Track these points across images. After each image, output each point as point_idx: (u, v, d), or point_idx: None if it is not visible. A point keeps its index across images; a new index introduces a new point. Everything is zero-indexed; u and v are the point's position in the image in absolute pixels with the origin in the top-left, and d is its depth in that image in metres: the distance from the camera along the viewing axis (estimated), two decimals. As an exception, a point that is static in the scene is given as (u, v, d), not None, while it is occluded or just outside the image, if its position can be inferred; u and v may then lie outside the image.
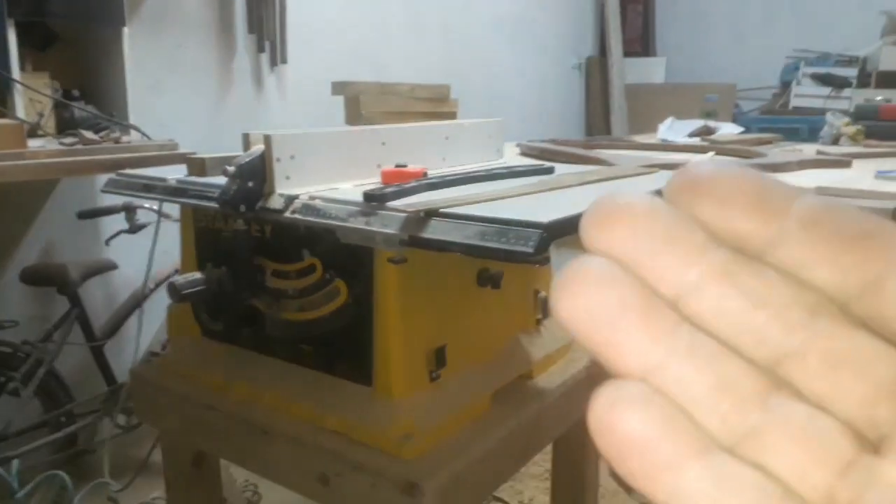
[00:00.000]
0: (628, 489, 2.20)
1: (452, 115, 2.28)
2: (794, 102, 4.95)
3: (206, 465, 1.33)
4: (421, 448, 0.93)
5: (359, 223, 0.87)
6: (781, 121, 4.58)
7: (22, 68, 1.92)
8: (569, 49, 5.32)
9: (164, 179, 1.10)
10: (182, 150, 1.97)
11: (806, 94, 4.94)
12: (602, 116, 5.43)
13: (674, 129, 3.24)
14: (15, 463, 1.80)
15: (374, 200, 0.87)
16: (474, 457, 0.96)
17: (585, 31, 5.49)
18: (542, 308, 1.23)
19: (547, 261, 0.69)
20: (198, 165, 1.08)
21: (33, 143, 1.78)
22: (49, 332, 2.15)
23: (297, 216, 0.92)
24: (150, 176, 1.14)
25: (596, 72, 5.48)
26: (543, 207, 0.79)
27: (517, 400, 1.11)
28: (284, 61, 3.05)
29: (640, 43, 5.94)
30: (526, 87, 4.81)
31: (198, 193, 1.02)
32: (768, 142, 2.99)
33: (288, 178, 0.96)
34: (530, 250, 0.67)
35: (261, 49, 3.00)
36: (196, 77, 2.83)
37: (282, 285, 1.06)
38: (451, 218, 0.79)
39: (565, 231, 0.70)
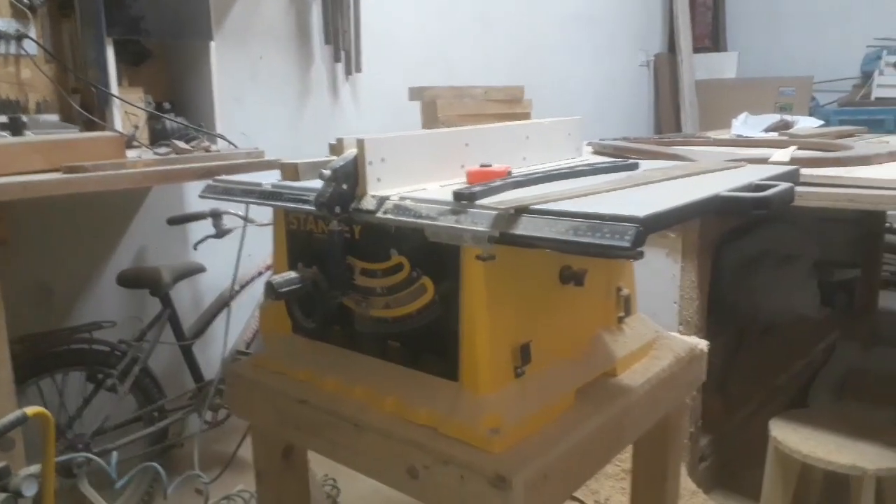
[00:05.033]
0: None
1: (526, 116, 2.30)
2: (878, 93, 4.73)
3: (295, 458, 1.38)
4: (508, 442, 0.95)
5: (449, 221, 0.89)
6: (863, 112, 4.39)
7: (119, 84, 2.05)
8: (637, 46, 5.25)
9: (259, 184, 1.15)
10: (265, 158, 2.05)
11: (890, 83, 4.71)
12: (672, 114, 5.32)
13: (748, 125, 3.16)
14: (114, 455, 1.90)
15: (463, 199, 0.89)
16: (561, 452, 0.97)
17: (653, 27, 5.40)
18: (625, 306, 1.23)
19: (641, 255, 0.70)
20: (291, 170, 1.13)
21: (130, 154, 1.89)
22: (143, 332, 2.27)
23: (388, 216, 0.96)
24: (246, 182, 1.20)
25: (665, 69, 5.38)
26: (635, 202, 0.79)
27: (601, 397, 1.11)
28: (359, 70, 3.14)
29: (710, 38, 5.80)
30: (594, 86, 4.77)
31: (293, 197, 1.07)
32: (851, 134, 2.88)
33: (379, 179, 1.00)
34: (627, 244, 0.68)
35: (337, 59, 3.10)
36: (275, 87, 2.94)
37: (370, 283, 1.10)
38: (543, 214, 0.81)
39: (661, 225, 0.71)
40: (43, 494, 1.20)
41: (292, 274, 1.07)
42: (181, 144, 1.91)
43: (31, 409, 1.01)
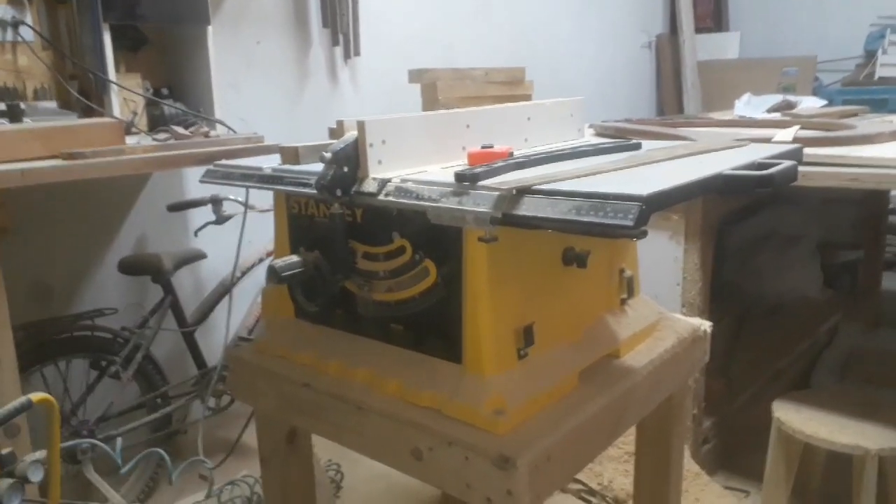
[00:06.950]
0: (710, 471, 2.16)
1: (527, 98, 2.28)
2: (881, 72, 4.70)
3: (299, 442, 1.38)
4: (512, 424, 0.95)
5: (451, 203, 0.89)
6: (867, 92, 4.36)
7: (116, 70, 2.04)
8: (638, 27, 5.21)
9: (259, 168, 1.15)
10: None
11: (893, 62, 4.69)
12: (674, 95, 5.29)
13: (751, 105, 3.14)
14: (118, 441, 1.90)
15: (465, 180, 0.89)
16: (565, 433, 0.97)
17: (655, 8, 5.36)
18: (628, 287, 1.22)
19: (644, 234, 0.69)
20: (291, 154, 1.12)
21: (129, 140, 1.88)
22: (145, 319, 2.27)
23: (390, 198, 0.95)
24: (246, 166, 1.19)
25: (667, 50, 5.34)
26: (638, 181, 0.78)
27: (605, 379, 1.11)
28: (357, 53, 3.11)
29: (712, 18, 5.76)
30: (595, 68, 4.74)
31: (294, 180, 1.07)
32: (854, 114, 2.87)
33: (380, 162, 0.99)
34: (630, 223, 0.67)
35: (335, 42, 3.07)
36: (273, 72, 2.93)
37: (372, 267, 1.09)
38: (545, 194, 0.80)
39: (664, 203, 0.70)
40: (49, 480, 1.21)
41: (294, 258, 1.07)
42: (180, 130, 1.90)
43: (35, 395, 1.00)
